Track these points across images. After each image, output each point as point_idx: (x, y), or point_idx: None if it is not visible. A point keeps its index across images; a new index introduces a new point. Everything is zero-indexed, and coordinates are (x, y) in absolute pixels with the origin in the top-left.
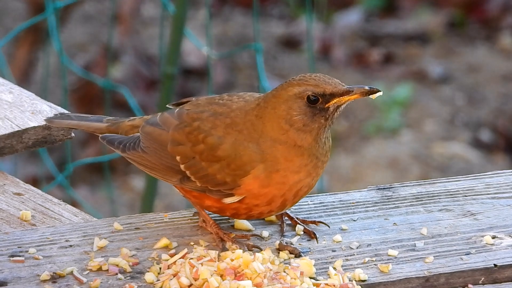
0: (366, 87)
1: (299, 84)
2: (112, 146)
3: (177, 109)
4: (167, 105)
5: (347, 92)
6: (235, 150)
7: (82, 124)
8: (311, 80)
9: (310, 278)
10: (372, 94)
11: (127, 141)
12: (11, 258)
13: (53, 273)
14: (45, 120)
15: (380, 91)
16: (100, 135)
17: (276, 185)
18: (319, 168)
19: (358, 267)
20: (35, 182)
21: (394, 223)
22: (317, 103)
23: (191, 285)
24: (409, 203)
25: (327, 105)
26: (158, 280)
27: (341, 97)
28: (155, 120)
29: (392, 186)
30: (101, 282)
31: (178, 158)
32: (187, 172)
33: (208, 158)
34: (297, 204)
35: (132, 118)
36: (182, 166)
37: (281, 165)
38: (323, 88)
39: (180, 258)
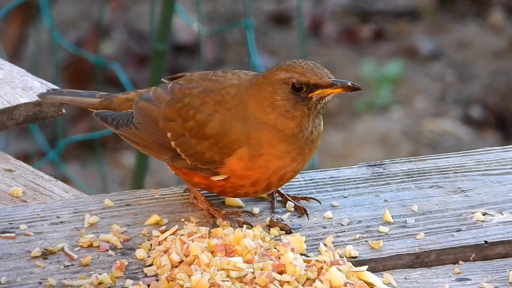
0: (349, 83)
1: (286, 70)
2: (105, 123)
3: (170, 84)
4: (162, 79)
5: (331, 85)
6: (222, 128)
7: (75, 100)
8: (298, 68)
9: (301, 254)
10: (354, 90)
11: (120, 118)
12: (2, 235)
13: (44, 249)
14: (37, 95)
15: (362, 88)
16: (94, 112)
17: (259, 169)
18: (306, 154)
19: (349, 244)
20: (26, 158)
21: (385, 200)
22: (301, 91)
23: (181, 261)
24: (400, 180)
25: (310, 95)
26: (148, 256)
27: (324, 89)
28: (149, 96)
29: (383, 162)
30: (92, 259)
31: (169, 134)
32: (178, 150)
33: (197, 135)
34: None
35: (126, 92)
36: (173, 143)
37: (265, 150)
38: (308, 78)
39: (171, 235)
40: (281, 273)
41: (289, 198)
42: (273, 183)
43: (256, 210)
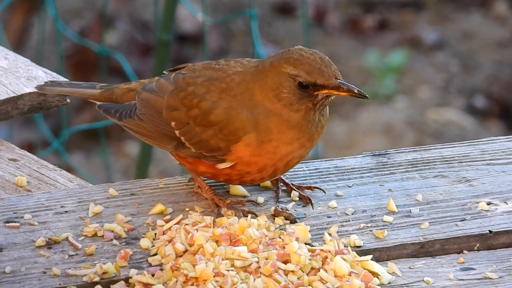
0: (356, 90)
1: (294, 65)
2: (108, 115)
3: (173, 75)
4: (163, 72)
5: (337, 88)
6: (228, 115)
7: (75, 91)
8: (306, 65)
9: (306, 244)
10: (360, 97)
11: (123, 109)
12: (7, 224)
13: (49, 239)
14: (35, 87)
15: (368, 97)
16: (97, 104)
17: (267, 155)
18: (314, 139)
19: (353, 233)
20: (30, 148)
21: (390, 189)
22: (307, 89)
23: (186, 250)
24: (404, 169)
25: (316, 93)
26: (153, 246)
27: (331, 90)
28: (151, 87)
29: (388, 152)
30: (96, 248)
31: (173, 124)
32: (182, 138)
33: (202, 123)
34: (292, 170)
35: (127, 82)
36: (177, 132)
37: (274, 136)
38: (315, 78)
39: (175, 224)
40: (285, 262)
41: (294, 187)
42: (280, 169)
43: (260, 199)
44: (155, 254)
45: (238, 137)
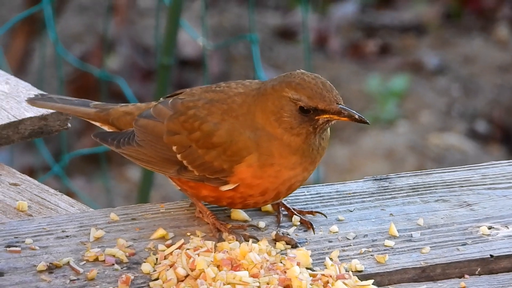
0: (357, 116)
1: (296, 89)
2: (105, 143)
3: (170, 100)
4: (161, 98)
5: (338, 113)
6: (230, 136)
7: (67, 108)
8: (307, 89)
9: (307, 268)
10: (361, 123)
11: (121, 137)
12: (8, 249)
13: (50, 263)
14: (26, 100)
15: (369, 123)
16: (92, 134)
17: (268, 178)
18: (317, 162)
19: (354, 258)
20: (31, 172)
21: (391, 214)
22: (308, 113)
23: (187, 275)
24: (405, 194)
25: (317, 117)
26: (154, 270)
27: (332, 115)
28: (149, 113)
29: (389, 176)
30: (97, 273)
31: (174, 148)
32: (184, 162)
33: (204, 145)
34: (293, 194)
35: (124, 104)
36: (179, 156)
37: (276, 160)
38: (316, 103)
39: (176, 249)
40: (287, 287)
41: (295, 212)
42: (282, 192)
43: (262, 224)
44: (157, 279)
45: (241, 157)
